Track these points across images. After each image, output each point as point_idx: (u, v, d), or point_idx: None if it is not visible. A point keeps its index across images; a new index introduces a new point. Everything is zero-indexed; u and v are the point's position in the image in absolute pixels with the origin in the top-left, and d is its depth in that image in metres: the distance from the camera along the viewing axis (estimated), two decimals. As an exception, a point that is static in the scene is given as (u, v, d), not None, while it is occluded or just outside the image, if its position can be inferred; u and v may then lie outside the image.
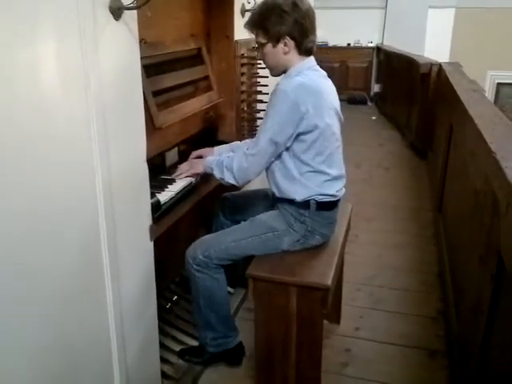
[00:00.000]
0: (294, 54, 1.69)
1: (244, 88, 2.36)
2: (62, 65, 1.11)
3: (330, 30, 7.96)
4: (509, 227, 1.30)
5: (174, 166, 1.97)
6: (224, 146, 2.08)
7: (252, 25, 1.70)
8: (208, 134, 2.29)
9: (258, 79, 2.48)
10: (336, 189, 1.78)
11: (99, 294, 1.35)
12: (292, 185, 1.72)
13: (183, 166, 1.91)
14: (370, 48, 8.37)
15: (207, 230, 2.22)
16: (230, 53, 2.23)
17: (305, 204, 1.73)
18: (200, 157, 1.97)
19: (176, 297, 2.26)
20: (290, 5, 1.62)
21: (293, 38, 1.66)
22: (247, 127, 2.44)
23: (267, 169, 1.78)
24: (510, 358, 1.31)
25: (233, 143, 2.08)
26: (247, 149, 1.71)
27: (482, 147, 1.74)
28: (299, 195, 1.72)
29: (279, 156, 1.71)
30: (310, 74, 1.69)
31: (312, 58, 1.75)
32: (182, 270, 2.23)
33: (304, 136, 1.65)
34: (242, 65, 2.31)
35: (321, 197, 1.74)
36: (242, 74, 2.32)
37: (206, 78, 2.16)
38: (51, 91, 1.09)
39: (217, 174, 1.78)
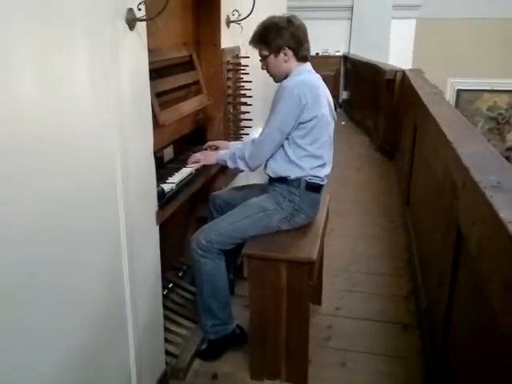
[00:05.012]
0: (293, 61, 2.01)
1: (230, 92, 2.58)
2: (91, 68, 1.30)
3: (300, 39, 8.31)
4: (464, 200, 1.56)
5: (171, 162, 2.17)
6: (237, 142, 2.40)
7: (255, 42, 2.03)
8: (198, 134, 2.49)
9: (242, 83, 2.71)
10: (325, 173, 2.05)
11: (117, 273, 1.53)
12: (288, 165, 1.99)
13: (197, 155, 2.15)
14: (337, 57, 8.72)
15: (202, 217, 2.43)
16: (217, 59, 2.46)
17: (296, 182, 1.99)
18: (214, 147, 2.27)
19: (172, 284, 2.44)
20: (285, 22, 1.96)
21: (290, 48, 1.98)
22: (233, 127, 2.66)
23: None
24: (468, 328, 1.53)
25: (246, 141, 2.38)
26: (256, 138, 2.00)
27: (442, 139, 2.01)
28: (293, 174, 1.98)
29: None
30: (308, 75, 2.01)
31: (308, 64, 2.06)
32: (180, 257, 2.41)
33: (304, 124, 1.93)
34: (228, 70, 2.53)
35: (311, 178, 2.00)
36: (228, 78, 2.55)
37: (197, 82, 2.37)
38: (82, 89, 1.27)
39: (230, 164, 2.07)
